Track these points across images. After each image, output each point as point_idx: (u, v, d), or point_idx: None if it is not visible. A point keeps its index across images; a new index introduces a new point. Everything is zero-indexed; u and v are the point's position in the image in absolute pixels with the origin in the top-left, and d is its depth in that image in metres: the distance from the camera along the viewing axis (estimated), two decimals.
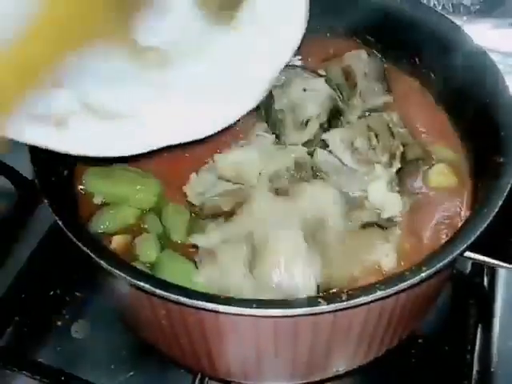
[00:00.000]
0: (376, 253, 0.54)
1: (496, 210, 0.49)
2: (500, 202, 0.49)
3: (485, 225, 0.49)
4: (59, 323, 0.69)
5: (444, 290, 0.66)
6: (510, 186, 0.50)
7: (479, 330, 0.69)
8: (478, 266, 0.72)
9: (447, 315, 0.70)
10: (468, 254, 0.51)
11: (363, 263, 0.53)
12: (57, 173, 0.57)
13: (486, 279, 0.72)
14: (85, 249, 0.49)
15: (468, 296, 0.70)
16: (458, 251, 0.48)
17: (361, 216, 0.56)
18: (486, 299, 0.70)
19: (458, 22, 0.86)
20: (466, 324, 0.69)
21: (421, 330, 0.66)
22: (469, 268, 0.72)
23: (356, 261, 0.53)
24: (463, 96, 0.64)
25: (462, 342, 0.67)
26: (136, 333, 0.63)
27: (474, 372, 0.65)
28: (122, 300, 0.59)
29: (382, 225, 0.55)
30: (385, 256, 0.52)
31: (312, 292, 0.50)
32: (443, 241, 0.54)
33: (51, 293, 0.71)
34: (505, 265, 0.54)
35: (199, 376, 0.62)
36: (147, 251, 0.56)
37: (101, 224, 0.58)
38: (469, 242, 0.48)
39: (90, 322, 0.70)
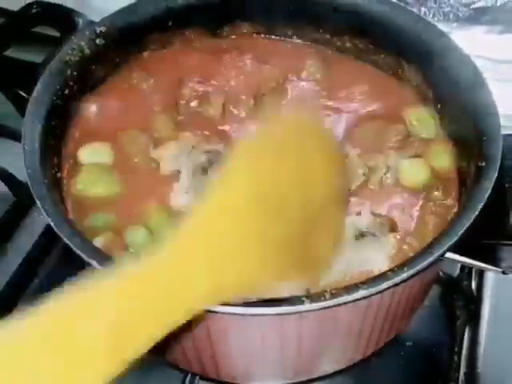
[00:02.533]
0: (370, 265, 0.55)
1: (477, 212, 0.50)
2: (481, 205, 0.51)
3: (465, 227, 0.50)
4: None
5: (432, 293, 0.67)
6: (490, 189, 0.51)
7: (467, 331, 0.70)
8: (466, 269, 0.73)
9: (435, 317, 0.71)
10: (451, 255, 0.52)
11: (357, 275, 0.53)
12: (49, 175, 0.58)
13: (474, 282, 0.72)
14: (78, 251, 0.49)
15: (456, 298, 0.71)
16: (439, 252, 0.49)
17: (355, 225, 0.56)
18: (474, 302, 0.71)
19: (447, 28, 0.88)
20: (453, 326, 0.70)
21: (409, 333, 0.67)
22: (457, 271, 0.73)
23: (350, 273, 0.53)
24: (449, 102, 0.65)
25: (449, 344, 0.68)
26: None
27: (461, 373, 0.66)
28: None
29: (377, 234, 0.56)
30: (378, 270, 0.53)
31: None
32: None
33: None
34: (489, 267, 0.55)
35: (189, 376, 0.62)
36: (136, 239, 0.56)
37: (94, 223, 0.59)
38: (450, 243, 0.49)
39: None
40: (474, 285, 0.72)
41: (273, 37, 0.74)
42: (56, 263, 0.74)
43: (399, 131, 0.64)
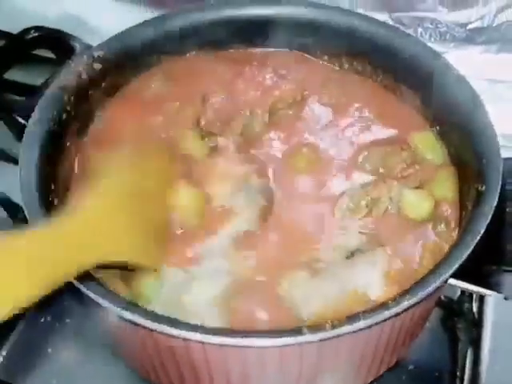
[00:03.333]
0: (366, 285, 0.54)
1: (478, 238, 0.50)
2: (482, 231, 0.50)
3: (468, 253, 0.49)
4: (50, 350, 0.69)
5: (433, 315, 0.67)
6: (491, 215, 0.51)
7: (468, 354, 0.69)
8: (466, 292, 0.72)
9: (437, 341, 0.70)
10: (453, 281, 0.51)
11: (350, 294, 0.53)
12: (46, 202, 0.57)
13: (474, 305, 0.72)
14: (85, 290, 0.50)
15: (457, 321, 0.70)
16: (441, 279, 0.48)
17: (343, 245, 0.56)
18: (475, 324, 0.70)
19: (444, 49, 0.89)
20: (455, 349, 0.69)
21: (410, 356, 0.66)
22: (458, 293, 0.73)
23: (343, 292, 0.53)
24: (447, 124, 0.65)
25: (451, 367, 0.68)
26: (127, 362, 0.63)
27: None
28: (110, 328, 0.60)
29: (366, 250, 0.56)
30: (372, 290, 0.53)
31: None
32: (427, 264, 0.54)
33: (42, 320, 0.71)
34: (491, 292, 0.54)
35: None
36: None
37: None
38: (452, 270, 0.49)
39: (82, 349, 0.69)
40: (475, 307, 0.72)
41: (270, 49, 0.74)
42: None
43: (403, 158, 0.63)
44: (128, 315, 0.47)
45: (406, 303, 0.47)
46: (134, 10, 0.99)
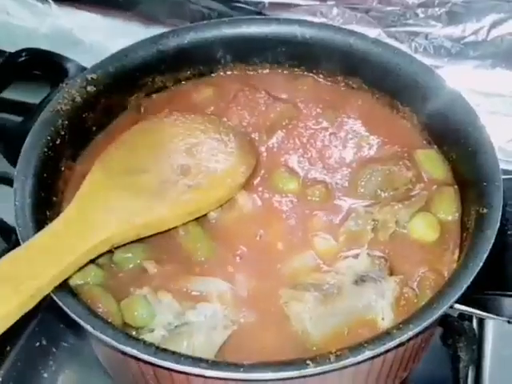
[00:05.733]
0: (372, 313, 0.54)
1: (482, 263, 0.50)
2: (485, 256, 0.50)
3: (471, 279, 0.49)
4: (45, 375, 0.68)
5: (434, 335, 0.66)
6: (493, 240, 0.51)
7: (470, 372, 0.69)
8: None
9: (438, 358, 0.70)
10: (456, 306, 0.51)
11: (358, 323, 0.52)
12: (40, 218, 0.57)
13: (475, 322, 0.71)
14: (72, 315, 0.49)
15: (458, 340, 0.70)
16: (446, 306, 0.48)
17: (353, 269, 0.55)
18: (476, 342, 0.70)
19: (439, 63, 0.89)
20: (457, 367, 0.69)
21: (413, 374, 0.66)
22: (458, 312, 0.72)
23: (352, 322, 0.53)
24: (446, 143, 0.65)
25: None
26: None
27: None
28: (107, 357, 0.59)
29: (377, 278, 0.55)
30: (381, 318, 0.52)
31: None
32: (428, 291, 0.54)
33: (37, 344, 0.70)
34: (494, 316, 0.54)
35: None
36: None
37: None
38: (456, 297, 0.48)
39: (77, 373, 0.69)
40: (475, 325, 0.72)
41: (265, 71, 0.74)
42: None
43: (408, 178, 0.62)
44: (127, 349, 0.46)
45: (410, 333, 0.46)
46: (125, 25, 0.99)
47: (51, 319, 0.71)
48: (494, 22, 0.87)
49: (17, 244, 0.75)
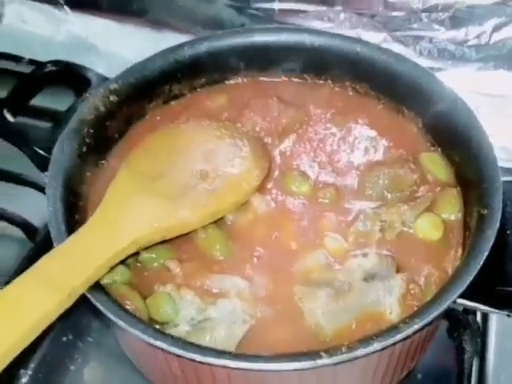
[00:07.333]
0: (380, 308, 0.57)
1: (483, 261, 0.53)
2: (486, 254, 0.53)
3: (474, 275, 0.52)
4: (72, 367, 0.71)
5: (439, 328, 0.69)
6: (493, 239, 0.54)
7: (474, 363, 0.71)
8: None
9: (444, 349, 0.72)
10: (459, 300, 0.54)
11: (368, 317, 0.56)
12: (70, 222, 0.60)
13: (479, 316, 0.74)
14: (106, 312, 0.53)
15: (463, 332, 0.72)
16: (449, 301, 0.51)
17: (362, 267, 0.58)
18: (481, 335, 0.72)
19: (442, 66, 0.91)
20: (462, 359, 0.71)
21: (419, 365, 0.69)
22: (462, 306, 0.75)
23: (361, 317, 0.56)
24: (449, 146, 0.68)
25: (458, 376, 0.70)
26: (147, 375, 0.66)
27: None
28: (134, 350, 0.62)
29: (385, 275, 0.58)
30: (389, 312, 0.55)
31: None
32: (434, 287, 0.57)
33: (64, 339, 0.73)
34: (494, 310, 0.57)
35: None
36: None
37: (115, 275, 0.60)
38: (458, 293, 0.52)
39: (101, 365, 0.72)
40: (479, 317, 0.75)
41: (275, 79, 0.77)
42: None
43: (414, 180, 0.65)
44: (157, 343, 0.50)
45: (416, 326, 0.50)
46: (138, 31, 1.01)
47: (76, 315, 0.74)
48: (496, 25, 0.89)
49: (41, 244, 0.79)
